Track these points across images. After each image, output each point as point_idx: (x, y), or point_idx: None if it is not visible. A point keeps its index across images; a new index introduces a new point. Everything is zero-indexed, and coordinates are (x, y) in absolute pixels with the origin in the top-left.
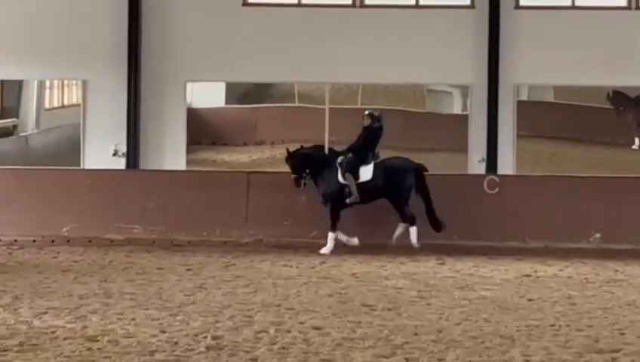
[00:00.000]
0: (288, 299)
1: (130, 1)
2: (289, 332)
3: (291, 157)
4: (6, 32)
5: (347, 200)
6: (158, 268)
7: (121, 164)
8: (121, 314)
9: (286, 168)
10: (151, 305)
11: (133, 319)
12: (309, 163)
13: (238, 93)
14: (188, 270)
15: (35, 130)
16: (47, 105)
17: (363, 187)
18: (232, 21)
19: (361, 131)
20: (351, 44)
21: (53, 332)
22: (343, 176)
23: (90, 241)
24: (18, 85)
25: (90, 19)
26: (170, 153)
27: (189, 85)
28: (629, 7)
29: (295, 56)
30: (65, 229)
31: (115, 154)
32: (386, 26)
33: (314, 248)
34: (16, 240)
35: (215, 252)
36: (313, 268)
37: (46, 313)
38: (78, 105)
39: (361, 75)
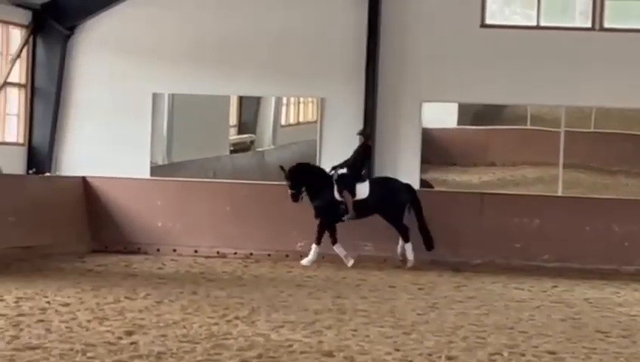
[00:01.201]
0: (521, 322)
1: (369, 21)
2: (523, 355)
3: (290, 174)
4: (247, 49)
5: (344, 218)
6: (390, 286)
7: None
8: (355, 330)
9: (519, 190)
10: (384, 323)
11: (367, 336)
12: (306, 178)
13: (469, 114)
14: (419, 289)
15: (272, 146)
16: (282, 122)
17: (360, 204)
18: (469, 42)
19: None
20: (588, 66)
21: (290, 346)
22: (340, 193)
23: (323, 257)
24: (256, 101)
25: (330, 38)
26: (404, 172)
27: (424, 105)
28: None
29: (531, 77)
30: (299, 244)
31: None
32: (624, 49)
33: (545, 271)
34: (251, 254)
35: (446, 272)
36: (545, 291)
37: (282, 326)
38: (313, 122)
39: (597, 99)
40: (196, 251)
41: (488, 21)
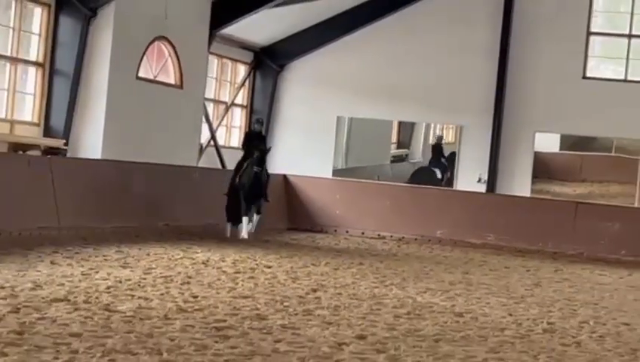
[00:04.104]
0: (603, 299)
1: (499, 70)
2: (604, 324)
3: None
4: (407, 88)
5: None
6: (505, 267)
7: (482, 188)
8: (479, 298)
9: (605, 201)
10: (501, 294)
11: (488, 303)
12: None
13: (568, 142)
14: (527, 271)
15: (421, 159)
16: (430, 141)
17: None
18: (573, 89)
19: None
20: None
21: (431, 307)
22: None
23: (455, 243)
24: (411, 125)
25: (469, 82)
26: (518, 183)
27: (537, 135)
28: None
29: (616, 117)
30: (439, 232)
31: (479, 181)
32: None
33: (623, 263)
34: (403, 237)
35: (547, 259)
36: (622, 278)
37: (425, 292)
38: (452, 143)
39: None
40: (363, 233)
41: (588, 74)
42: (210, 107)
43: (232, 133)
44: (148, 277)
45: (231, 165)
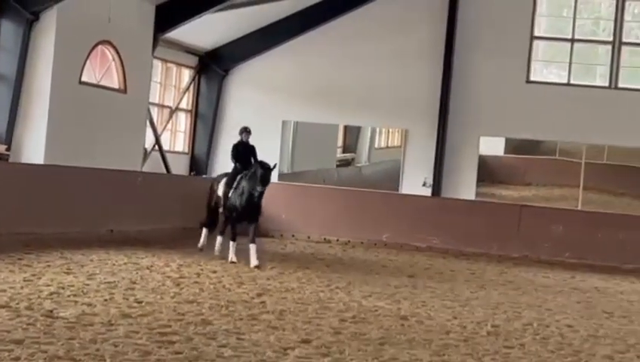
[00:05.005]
0: (547, 302)
1: (443, 75)
2: (548, 326)
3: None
4: (352, 91)
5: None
6: (451, 271)
7: (428, 192)
8: (425, 302)
9: (548, 204)
10: (446, 297)
11: (433, 306)
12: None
13: (513, 146)
14: (472, 274)
15: (367, 163)
16: (376, 145)
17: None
18: (516, 93)
19: (243, 145)
20: (603, 114)
21: (376, 311)
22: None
23: (401, 246)
24: (357, 129)
25: (413, 86)
26: (464, 186)
27: (481, 138)
28: None
29: (560, 121)
30: (384, 236)
31: (424, 184)
32: (632, 103)
33: (566, 265)
34: (349, 241)
35: (492, 262)
36: (565, 280)
37: (371, 296)
38: (398, 146)
39: (609, 138)
40: (309, 237)
41: (532, 78)
42: (154, 112)
43: (176, 138)
44: (91, 282)
45: (176, 170)
